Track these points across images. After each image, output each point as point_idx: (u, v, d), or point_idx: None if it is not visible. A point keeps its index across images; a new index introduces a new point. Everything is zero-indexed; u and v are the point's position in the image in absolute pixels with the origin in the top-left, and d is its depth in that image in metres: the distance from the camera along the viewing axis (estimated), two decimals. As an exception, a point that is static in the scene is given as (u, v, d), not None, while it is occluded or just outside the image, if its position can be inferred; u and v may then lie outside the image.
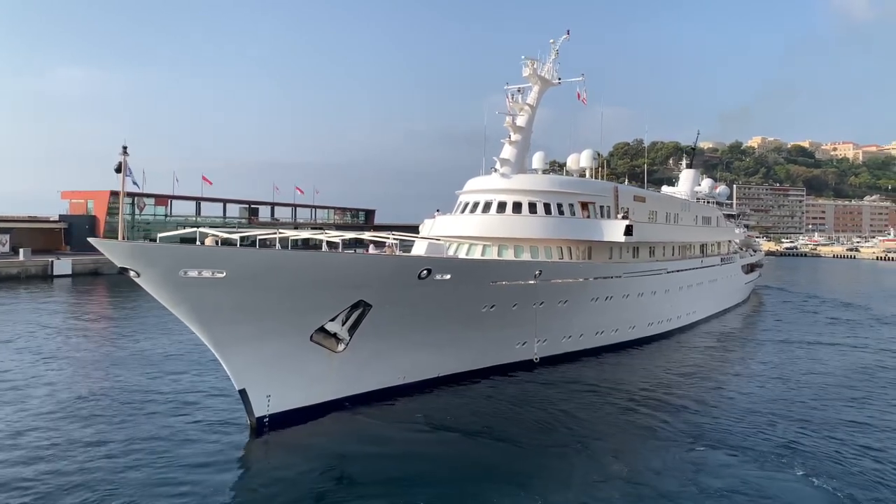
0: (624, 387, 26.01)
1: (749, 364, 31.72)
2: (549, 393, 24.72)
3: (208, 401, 23.06)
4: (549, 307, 27.91)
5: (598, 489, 16.20)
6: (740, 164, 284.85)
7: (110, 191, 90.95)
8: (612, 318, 32.73)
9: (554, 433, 20.25)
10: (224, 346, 19.37)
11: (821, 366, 30.86)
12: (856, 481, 16.74)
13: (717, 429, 20.78)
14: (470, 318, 25.27)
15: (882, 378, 28.30)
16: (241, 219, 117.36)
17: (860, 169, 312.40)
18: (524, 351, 27.69)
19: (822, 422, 21.70)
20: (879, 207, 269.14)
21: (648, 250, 38.69)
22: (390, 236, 24.37)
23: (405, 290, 21.99)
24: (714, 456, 18.47)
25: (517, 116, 33.81)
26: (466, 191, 34.34)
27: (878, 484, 16.63)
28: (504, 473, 17.04)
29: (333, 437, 19.97)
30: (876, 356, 33.49)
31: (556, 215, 31.51)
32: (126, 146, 16.26)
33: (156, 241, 20.19)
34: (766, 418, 21.99)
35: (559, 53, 35.45)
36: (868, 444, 19.54)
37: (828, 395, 25.19)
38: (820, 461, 18.09)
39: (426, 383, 24.72)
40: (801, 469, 17.46)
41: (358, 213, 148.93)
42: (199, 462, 17.49)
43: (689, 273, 42.19)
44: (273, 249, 19.68)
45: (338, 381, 21.99)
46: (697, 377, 28.32)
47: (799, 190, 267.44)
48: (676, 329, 39.53)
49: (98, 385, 25.06)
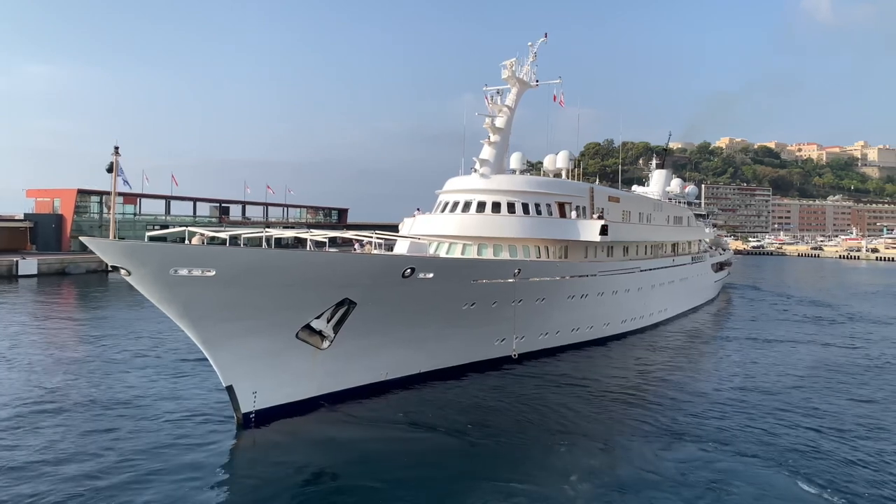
0: (599, 382, 26.77)
1: (718, 360, 32.73)
2: (527, 388, 25.32)
3: (191, 397, 23.25)
4: (527, 305, 28.55)
5: (576, 483, 16.59)
6: (709, 165, 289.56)
7: (77, 189, 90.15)
8: (588, 315, 33.52)
9: (531, 427, 20.75)
10: (212, 344, 19.62)
11: (788, 360, 31.95)
12: (832, 470, 17.48)
13: (690, 421, 21.52)
14: (451, 316, 25.78)
15: (849, 370, 29.47)
16: (212, 218, 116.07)
17: (824, 169, 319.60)
18: (503, 347, 28.28)
19: (788, 411, 22.64)
20: (842, 207, 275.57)
21: (622, 249, 39.64)
22: (373, 235, 24.80)
23: (389, 288, 22.42)
24: (687, 447, 19.13)
25: (496, 118, 34.39)
26: (446, 190, 34.86)
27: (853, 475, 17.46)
28: (483, 468, 17.47)
29: (317, 434, 20.26)
30: (842, 350, 34.84)
31: (535, 215, 32.20)
32: (117, 146, 16.52)
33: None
34: (737, 409, 22.85)
35: (537, 56, 36.18)
36: (840, 432, 20.46)
37: (796, 388, 26.16)
38: (790, 448, 18.88)
39: (408, 379, 25.18)
40: (775, 458, 18.19)
41: (330, 212, 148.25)
42: (185, 458, 17.67)
43: (661, 272, 43.22)
44: (263, 249, 19.97)
45: (322, 377, 22.34)
46: (669, 372, 29.18)
47: (765, 190, 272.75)
48: (649, 326, 40.52)
49: (74, 383, 25.08)
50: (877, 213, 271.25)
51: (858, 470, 17.57)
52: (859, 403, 24.19)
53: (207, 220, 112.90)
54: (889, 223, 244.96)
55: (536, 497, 15.71)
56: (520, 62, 35.56)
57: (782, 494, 16.04)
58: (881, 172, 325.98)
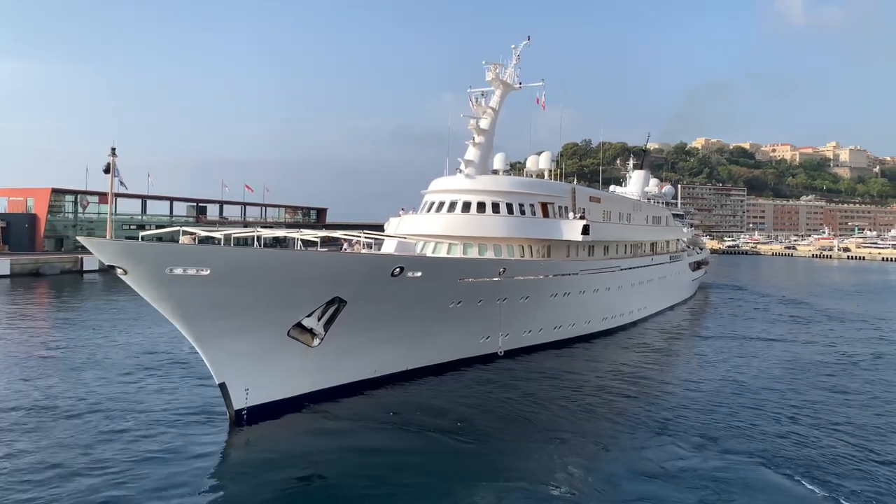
0: (584, 378, 27.44)
1: (696, 356, 33.54)
2: (513, 385, 25.86)
3: (183, 395, 23.52)
4: (512, 303, 29.14)
5: (564, 478, 17.00)
6: (685, 165, 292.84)
7: (52, 188, 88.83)
8: (570, 313, 34.22)
9: (515, 423, 21.25)
10: (205, 342, 19.94)
11: (764, 356, 32.96)
12: (812, 460, 18.21)
13: (671, 415, 22.20)
14: (438, 314, 26.29)
15: (821, 368, 30.50)
16: (188, 217, 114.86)
17: (797, 170, 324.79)
18: (489, 344, 28.85)
19: (762, 406, 23.47)
20: (815, 207, 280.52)
21: (603, 249, 40.45)
22: (362, 235, 25.26)
23: (379, 286, 22.87)
24: (670, 440, 19.75)
25: (480, 119, 34.96)
26: (432, 191, 35.37)
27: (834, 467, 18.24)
28: (471, 465, 17.92)
29: (308, 430, 20.64)
30: (815, 348, 35.99)
31: (519, 215, 32.86)
32: (114, 147, 16.74)
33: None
34: (715, 403, 23.63)
35: (520, 59, 36.80)
36: (819, 425, 21.31)
37: (772, 382, 27.05)
38: (770, 442, 19.63)
39: (396, 376, 25.64)
40: (753, 450, 18.87)
41: (309, 211, 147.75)
42: (178, 454, 17.98)
43: (640, 270, 44.11)
44: (256, 248, 20.32)
45: (313, 374, 22.73)
46: (650, 369, 29.93)
47: (740, 190, 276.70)
48: (630, 323, 41.37)
49: (63, 383, 25.19)
50: (848, 213, 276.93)
51: (840, 460, 18.29)
52: (832, 395, 25.18)
53: (184, 220, 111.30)
54: (860, 223, 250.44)
55: (525, 493, 16.10)
56: (503, 65, 36.18)
57: (765, 486, 16.59)
58: (852, 173, 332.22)
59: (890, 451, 19.06)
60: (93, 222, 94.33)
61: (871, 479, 16.96)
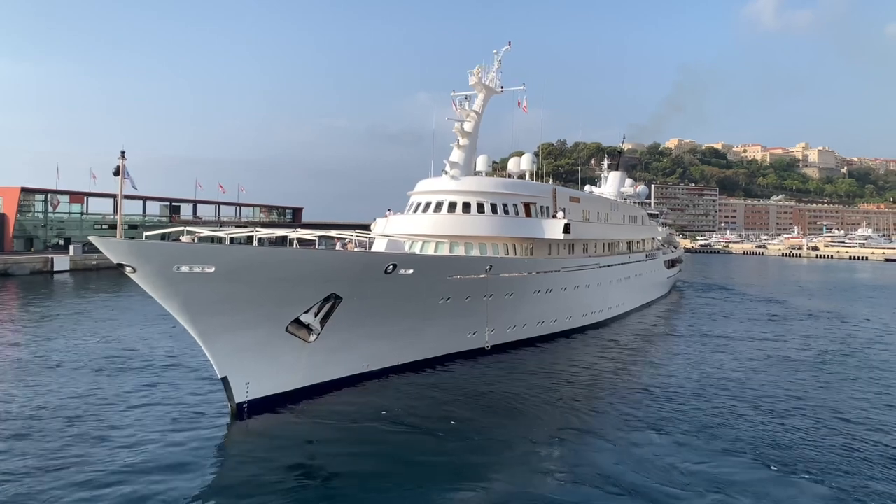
0: (568, 372, 28.53)
1: (673, 351, 34.83)
2: (500, 379, 26.86)
3: (184, 389, 24.24)
4: (497, 299, 30.24)
5: (552, 471, 17.59)
6: (658, 165, 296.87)
7: (21, 187, 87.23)
8: (553, 309, 35.43)
9: (502, 416, 22.03)
10: (209, 337, 20.72)
11: (737, 350, 34.49)
12: (795, 453, 19.23)
13: (652, 409, 23.32)
14: (428, 310, 27.30)
15: (795, 364, 32.04)
16: (161, 217, 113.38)
17: (767, 170, 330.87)
18: (476, 339, 29.92)
19: (742, 399, 24.84)
20: (785, 206, 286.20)
21: (583, 247, 41.81)
22: (353, 234, 26.21)
23: (373, 283, 23.82)
24: (653, 433, 20.62)
25: (464, 122, 36.06)
26: (418, 191, 36.40)
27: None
28: (459, 458, 18.38)
29: (304, 422, 21.37)
30: (787, 344, 37.68)
31: (503, 215, 34.03)
32: (123, 151, 17.47)
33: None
34: (694, 396, 24.91)
35: (501, 63, 37.99)
36: (799, 420, 22.64)
37: (747, 376, 28.52)
38: (749, 435, 20.83)
39: (388, 370, 26.61)
40: (734, 443, 19.75)
41: (285, 210, 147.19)
42: (181, 447, 18.57)
43: (617, 268, 45.52)
44: (259, 246, 21.16)
45: (309, 369, 23.61)
46: (629, 364, 31.15)
47: (712, 190, 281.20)
48: (609, 319, 42.74)
49: (59, 380, 25.74)
50: (817, 213, 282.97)
51: (823, 451, 19.25)
52: (806, 389, 26.62)
53: (157, 220, 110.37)
54: (828, 222, 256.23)
55: (512, 485, 16.62)
56: (486, 68, 37.34)
57: (750, 479, 17.07)
58: (821, 173, 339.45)
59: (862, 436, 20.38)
60: (63, 222, 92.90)
61: (852, 472, 17.68)
